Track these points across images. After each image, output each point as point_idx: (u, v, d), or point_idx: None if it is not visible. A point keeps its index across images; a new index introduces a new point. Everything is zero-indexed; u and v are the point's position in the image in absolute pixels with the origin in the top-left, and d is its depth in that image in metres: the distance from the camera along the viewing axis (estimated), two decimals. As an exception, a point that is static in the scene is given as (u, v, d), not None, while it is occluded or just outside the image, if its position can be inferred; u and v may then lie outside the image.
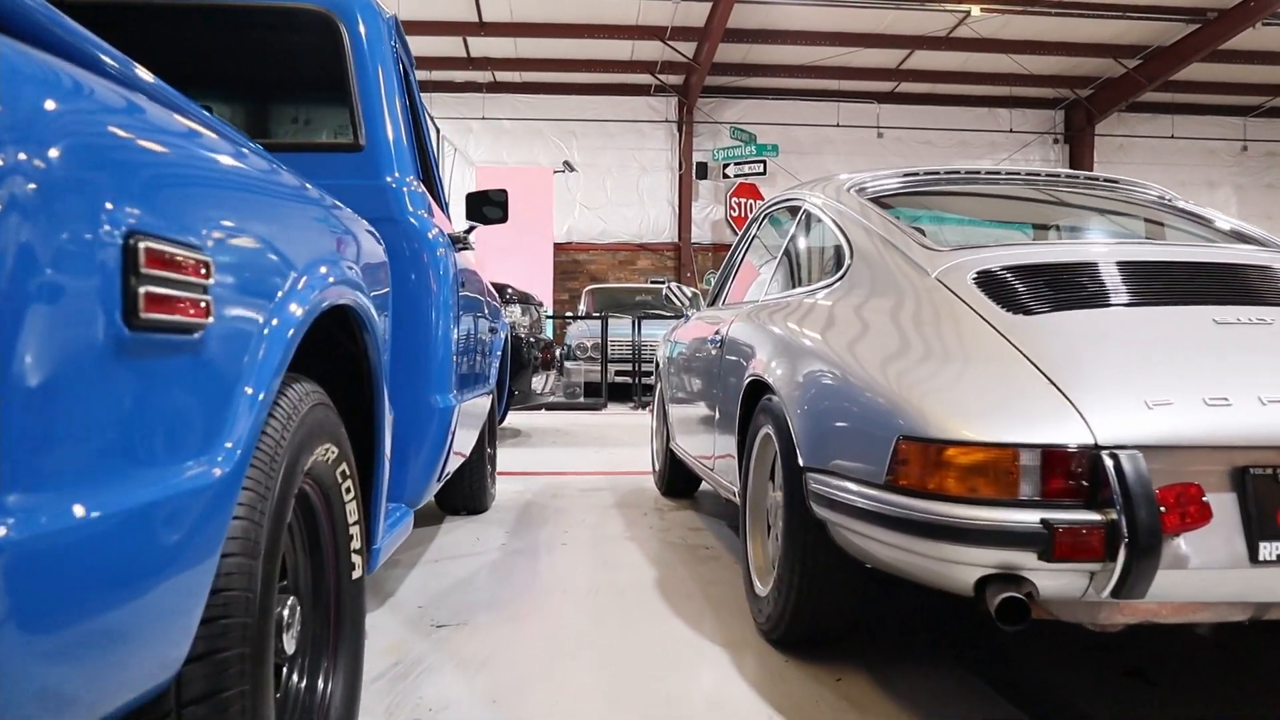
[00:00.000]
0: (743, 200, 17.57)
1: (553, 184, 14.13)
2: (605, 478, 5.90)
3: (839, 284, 2.77)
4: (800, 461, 2.43)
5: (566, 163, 15.99)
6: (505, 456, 6.66)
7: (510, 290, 7.38)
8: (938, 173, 3.25)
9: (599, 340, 11.39)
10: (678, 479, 5.02)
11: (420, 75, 16.78)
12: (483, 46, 16.19)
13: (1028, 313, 2.20)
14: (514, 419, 9.27)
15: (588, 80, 17.37)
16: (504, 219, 3.76)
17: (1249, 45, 15.62)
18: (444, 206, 3.69)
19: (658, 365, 5.46)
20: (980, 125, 18.41)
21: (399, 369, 2.62)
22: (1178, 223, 3.14)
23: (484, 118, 17.34)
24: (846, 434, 2.25)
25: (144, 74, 1.21)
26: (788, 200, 3.66)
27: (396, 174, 2.77)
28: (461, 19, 15.05)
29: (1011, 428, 1.87)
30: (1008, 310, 2.21)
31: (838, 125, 17.93)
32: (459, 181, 16.68)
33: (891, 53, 16.38)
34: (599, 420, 9.92)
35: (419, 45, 15.68)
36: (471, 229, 3.72)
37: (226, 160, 1.29)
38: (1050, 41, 15.79)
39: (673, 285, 4.76)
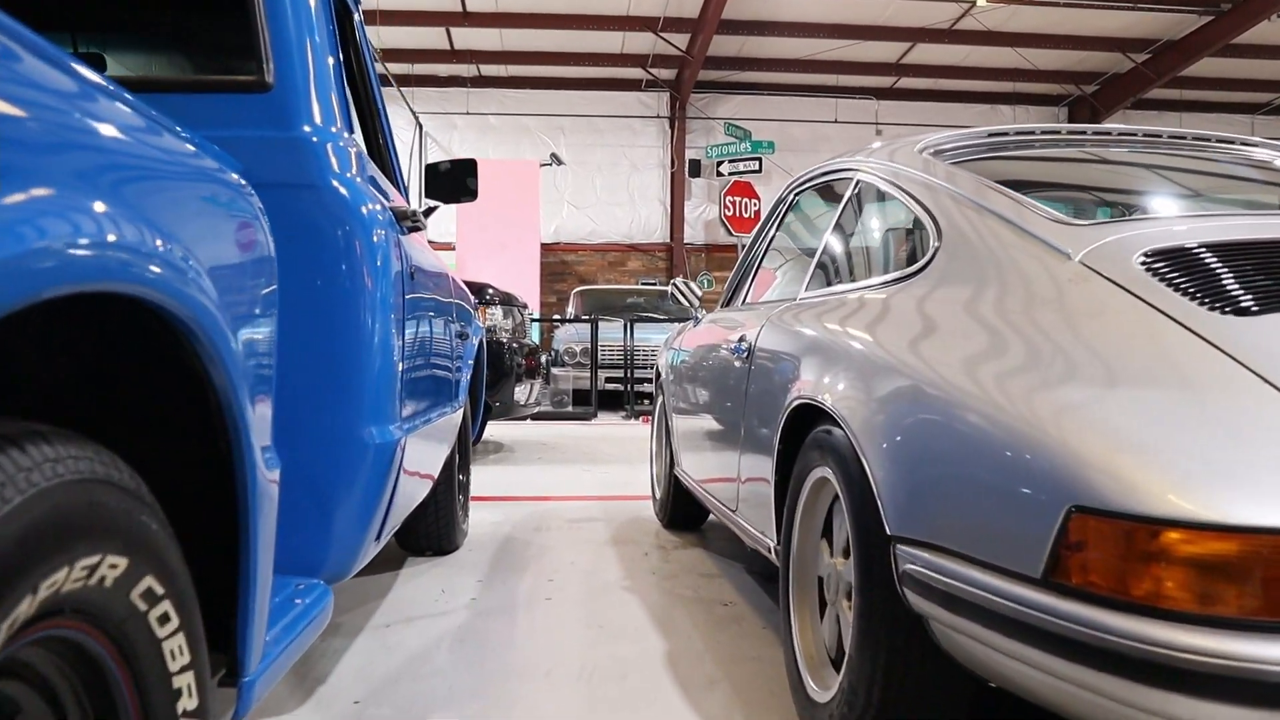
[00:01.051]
0: (737, 199, 16.83)
1: (539, 178, 13.27)
2: (597, 503, 5.13)
3: (921, 276, 2.01)
4: (886, 527, 1.68)
5: (554, 155, 15.18)
6: (482, 477, 5.89)
7: (490, 291, 6.61)
8: (1032, 131, 2.49)
9: (588, 345, 10.62)
10: (682, 509, 4.27)
11: (401, 69, 16.05)
12: (467, 38, 15.42)
13: (1241, 312, 1.44)
14: (496, 431, 8.50)
15: (577, 74, 16.60)
16: (472, 195, 3.00)
17: (1262, 39, 14.94)
18: (400, 185, 2.94)
19: (658, 375, 4.71)
20: (982, 122, 17.65)
21: (311, 393, 1.87)
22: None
23: (468, 113, 16.55)
24: (970, 495, 1.49)
25: None
26: (832, 172, 2.90)
27: (317, 122, 2.00)
28: (444, 8, 14.26)
29: (1290, 502, 1.13)
30: (1208, 307, 1.46)
31: (836, 121, 17.21)
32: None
33: (892, 46, 15.66)
34: (589, 432, 9.15)
35: (399, 36, 14.95)
36: (431, 210, 2.95)
37: None
38: (1057, 34, 15.09)
39: (679, 282, 4.01)
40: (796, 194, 3.25)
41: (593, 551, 3.92)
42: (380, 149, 2.73)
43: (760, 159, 16.70)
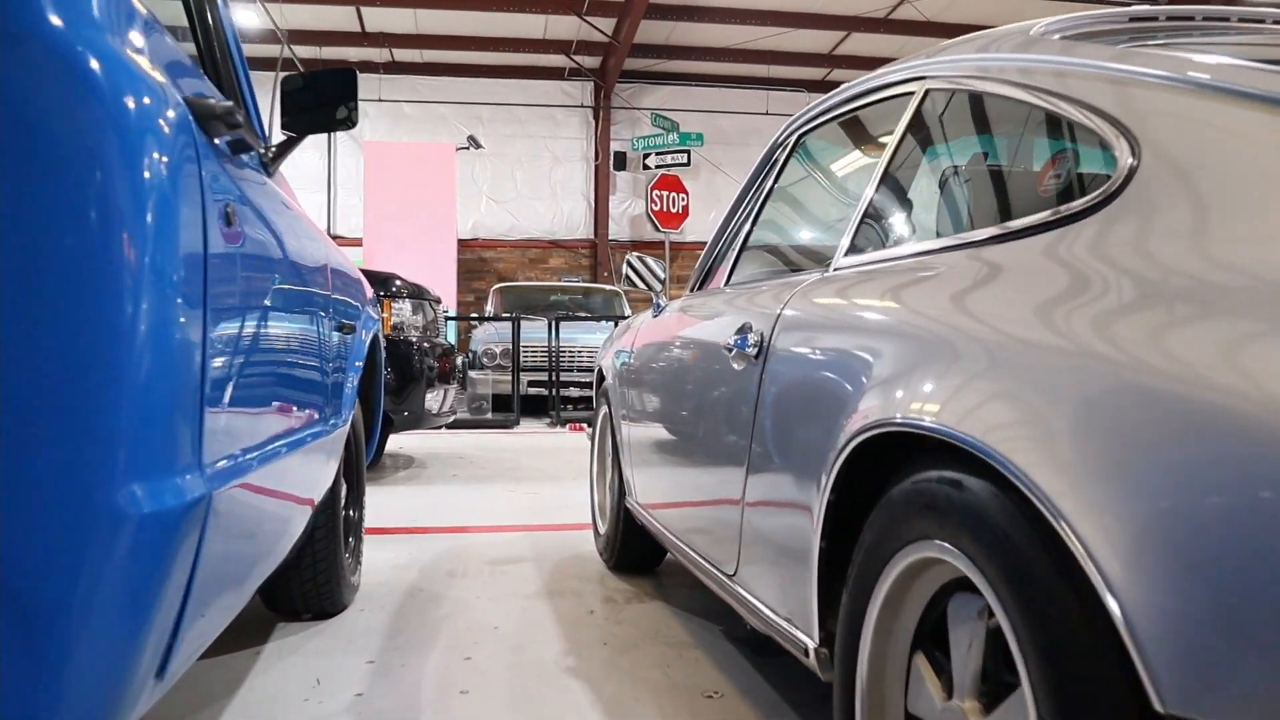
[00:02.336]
0: (665, 194, 15.99)
1: (455, 163, 12.19)
2: (524, 535, 4.22)
3: (1104, 213, 1.16)
4: (1154, 695, 0.82)
5: (472, 138, 14.13)
6: (385, 501, 4.94)
7: (398, 282, 5.66)
8: (1191, 17, 1.66)
9: (509, 346, 9.67)
10: (636, 550, 3.39)
11: (308, 52, 14.86)
12: (379, 19, 14.34)
13: None
14: (405, 443, 7.52)
15: (496, 61, 15.61)
16: (347, 123, 2.08)
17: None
18: (252, 116, 2.01)
19: (600, 381, 3.83)
20: (915, 117, 17.11)
21: (14, 428, 0.96)
22: None
23: (380, 99, 15.45)
24: None
25: None
26: (869, 93, 2.03)
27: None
28: (353, -15, 13.21)
29: None
30: None
31: (766, 114, 16.46)
32: (348, 169, 14.83)
33: (826, 35, 14.98)
34: (511, 442, 8.21)
35: (305, 16, 13.86)
36: (288, 145, 2.03)
37: None
38: (995, 26, 14.52)
39: (634, 258, 3.13)
40: (802, 134, 2.38)
41: (522, 609, 3.02)
42: (211, 42, 1.80)
43: (689, 151, 15.89)
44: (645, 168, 16.11)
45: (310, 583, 2.74)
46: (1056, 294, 1.12)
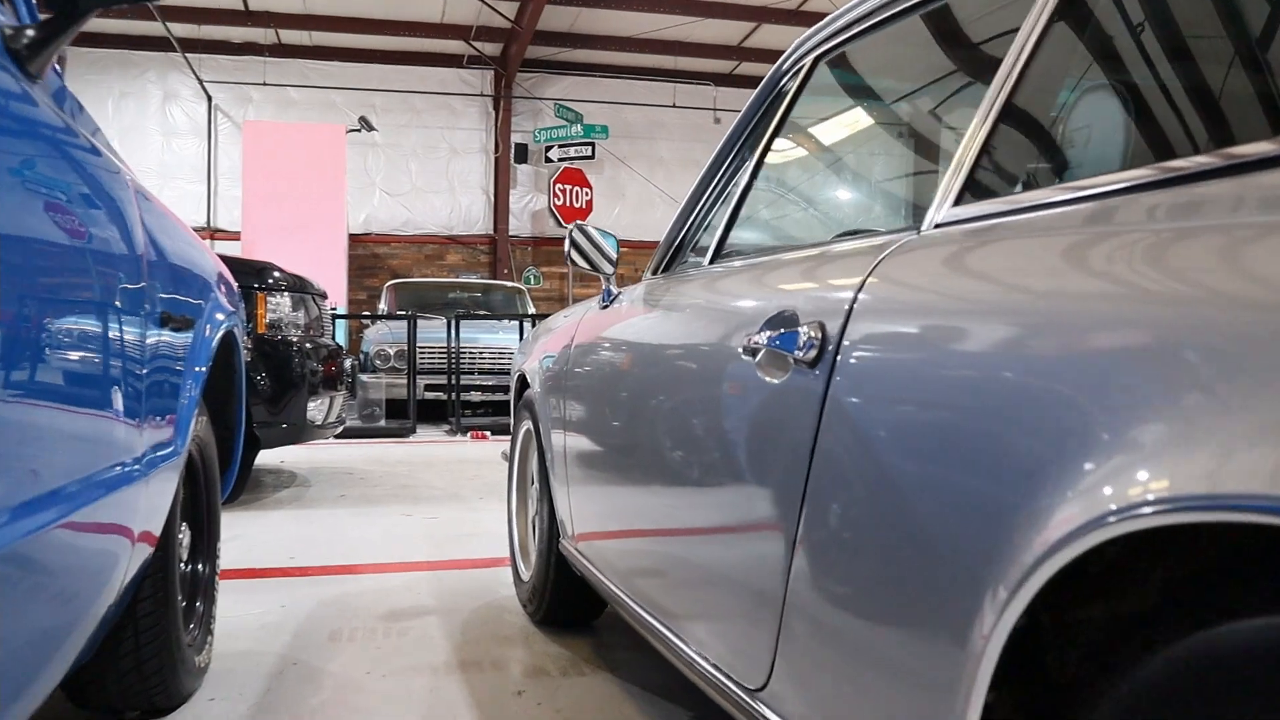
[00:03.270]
0: (568, 188, 15.28)
1: (345, 147, 11.20)
2: (426, 576, 3.48)
3: None
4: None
5: (364, 119, 13.14)
6: (260, 533, 4.15)
7: (276, 274, 4.85)
8: None
9: (405, 347, 8.85)
10: (570, 601, 2.69)
11: (186, 30, 13.61)
12: (262, -3, 13.34)
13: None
14: (287, 456, 6.67)
15: (391, 46, 14.69)
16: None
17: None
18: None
19: (521, 390, 3.12)
20: (823, 114, 16.72)
21: None
22: None
23: (265, 83, 14.40)
24: None
25: None
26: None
27: None
28: (233, -43, 12.18)
29: None
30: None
31: (674, 106, 15.88)
32: (230, 159, 13.74)
33: (736, 26, 14.43)
34: (407, 453, 7.41)
35: (180, -11, 12.74)
36: (55, 27, 1.28)
37: None
38: (904, 21, 14.17)
39: (581, 228, 2.41)
40: (827, 52, 1.73)
41: (428, 690, 2.29)
42: None
43: (593, 144, 15.20)
44: (547, 161, 15.37)
45: (133, 672, 1.98)
46: None
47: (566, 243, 2.35)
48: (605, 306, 2.36)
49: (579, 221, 2.35)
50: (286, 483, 5.67)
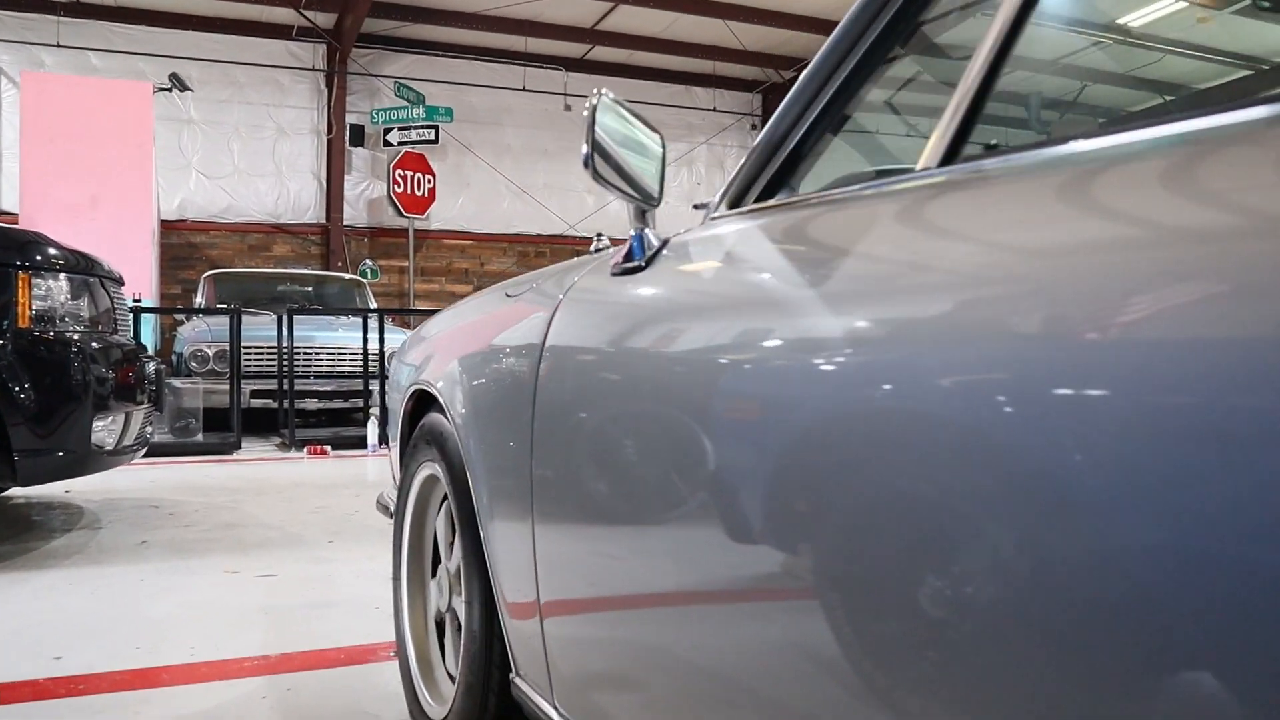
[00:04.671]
0: (409, 174, 13.92)
1: (152, 110, 9.38)
2: (261, 686, 2.32)
3: None
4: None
5: (175, 76, 11.39)
6: (8, 611, 2.88)
7: (49, 250, 3.55)
8: None
9: (226, 347, 7.44)
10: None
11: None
12: (55, -53, 11.52)
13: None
14: (75, 485, 5.26)
15: (208, 10, 12.99)
16: None
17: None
18: None
19: (417, 415, 2.02)
20: (677, 103, 15.91)
21: None
22: None
23: (60, 45, 12.50)
24: None
25: None
26: None
27: None
28: (17, -105, 10.37)
29: None
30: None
31: (524, 90, 14.73)
32: (16, 130, 11.80)
33: (591, 6, 13.40)
34: (230, 475, 6.08)
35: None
36: None
37: None
38: (765, 9, 13.45)
39: (608, 100, 1.30)
40: None
41: None
42: None
43: (437, 128, 13.91)
44: (386, 144, 13.96)
45: None
46: None
47: (589, 129, 1.22)
48: (629, 269, 1.29)
49: (605, 91, 1.25)
50: (67, 524, 4.32)
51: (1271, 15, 1.21)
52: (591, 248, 2.79)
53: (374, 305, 9.83)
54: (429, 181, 14.13)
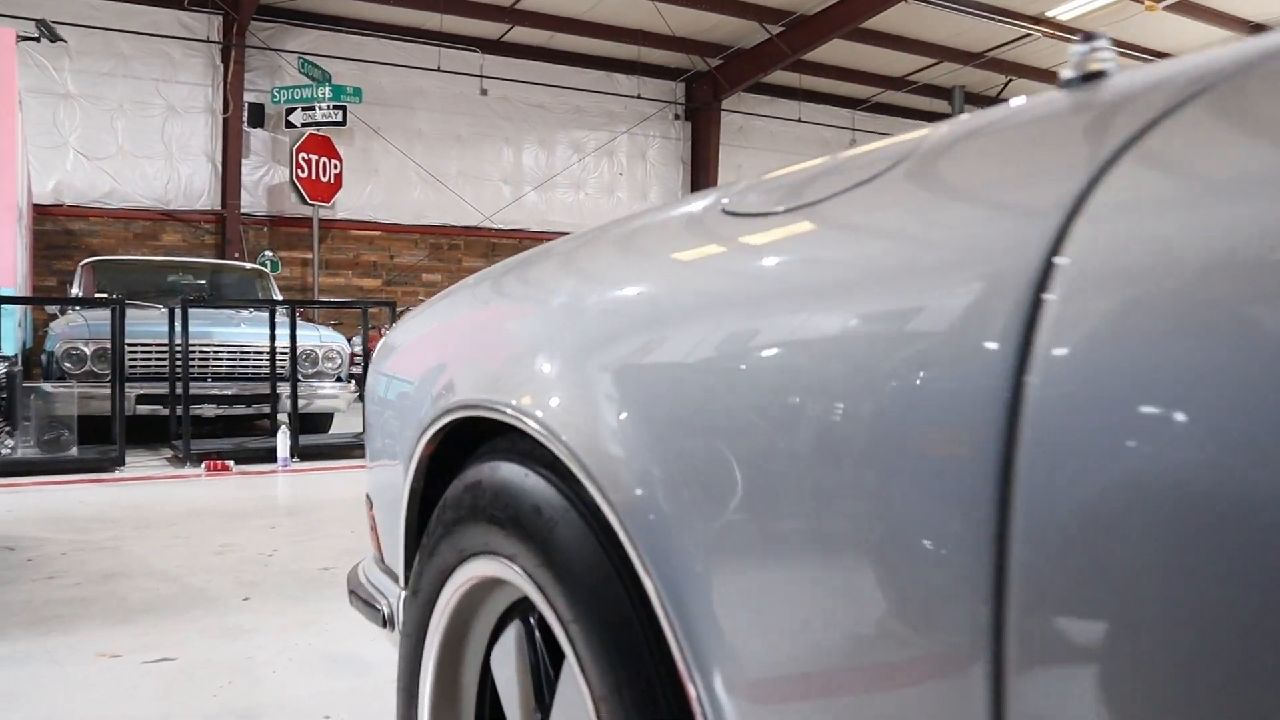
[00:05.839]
0: (314, 158, 12.71)
1: (14, 57, 7.83)
2: None
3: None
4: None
5: (44, 24, 9.85)
6: None
7: None
8: None
9: (107, 344, 6.26)
10: None
11: None
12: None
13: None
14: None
15: (86, -27, 11.64)
16: None
17: (890, 26, 13.57)
18: None
19: (451, 468, 1.09)
20: (599, 89, 14.99)
21: None
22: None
23: (-90, 7, 11.01)
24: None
25: None
26: None
27: None
28: None
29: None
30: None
31: (438, 70, 13.62)
32: None
33: (512, -18, 12.43)
34: (110, 501, 4.96)
35: None
36: None
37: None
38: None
39: None
40: None
41: None
42: None
43: (344, 109, 12.72)
44: (289, 126, 12.72)
45: None
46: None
47: None
48: None
49: None
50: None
51: None
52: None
53: (277, 296, 8.68)
54: (335, 167, 12.94)
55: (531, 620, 1.03)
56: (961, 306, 0.55)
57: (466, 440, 1.18)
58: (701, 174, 15.76)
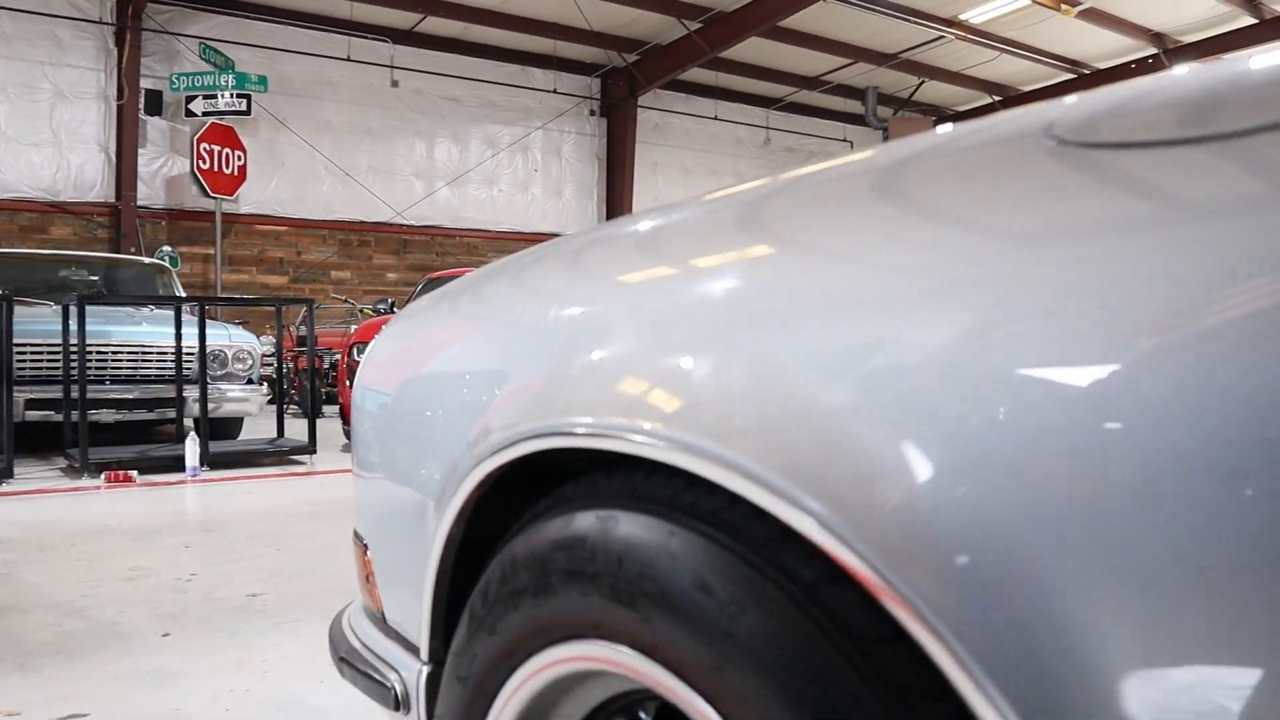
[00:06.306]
0: (217, 149, 12.05)
1: None
2: None
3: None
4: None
5: None
6: None
7: None
8: None
9: (-7, 343, 5.68)
10: None
11: None
12: None
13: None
14: None
15: (-35, -53, 10.83)
16: None
17: (807, 25, 13.49)
18: None
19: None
20: (514, 83, 14.59)
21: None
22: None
23: None
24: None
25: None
26: None
27: None
28: None
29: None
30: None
31: (348, 60, 13.07)
32: None
33: (425, -31, 11.97)
34: None
35: None
36: None
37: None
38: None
39: None
40: None
41: None
42: None
43: (249, 97, 12.09)
44: (189, 114, 12.04)
45: None
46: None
47: None
48: None
49: None
50: None
51: None
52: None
53: (180, 292, 8.11)
54: (239, 158, 12.30)
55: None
56: None
57: (518, 475, 0.88)
58: (617, 171, 15.49)
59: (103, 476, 5.36)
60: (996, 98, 16.83)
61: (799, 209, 0.73)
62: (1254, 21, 13.74)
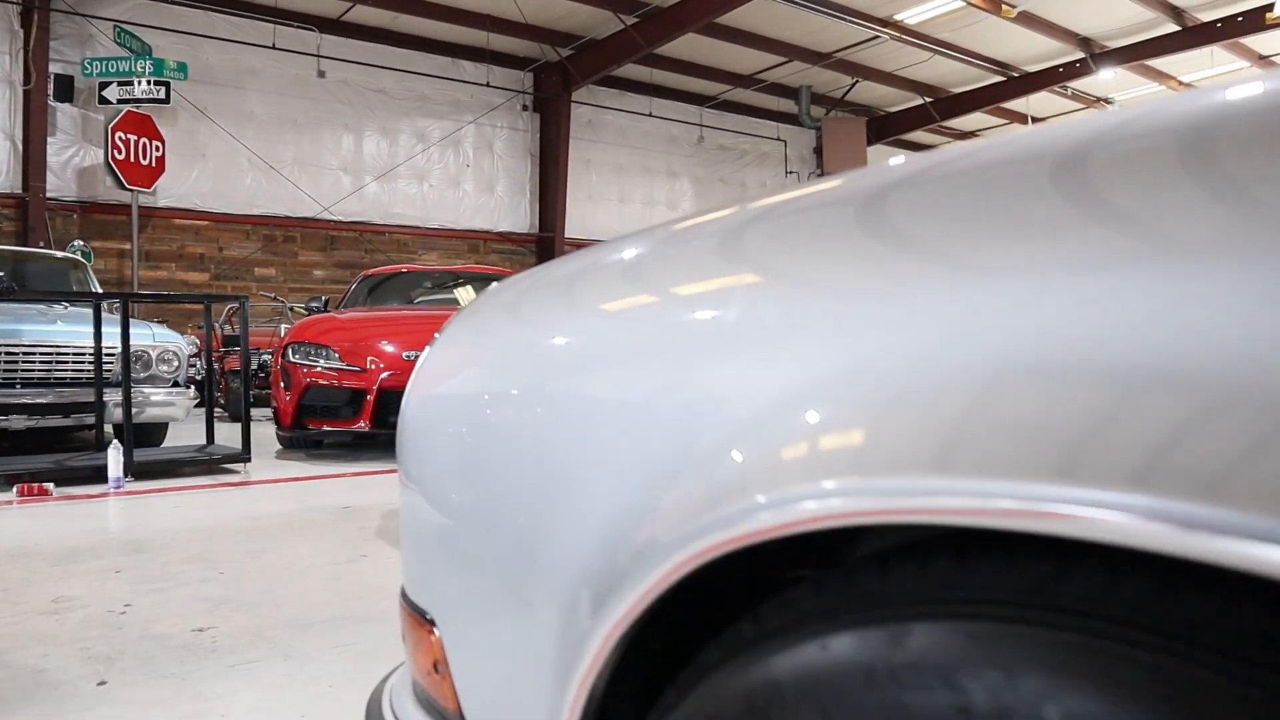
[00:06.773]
0: (133, 139, 11.40)
1: None
2: None
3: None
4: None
5: None
6: None
7: None
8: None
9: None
10: None
11: None
12: None
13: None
14: None
15: None
16: None
17: (742, 22, 13.32)
18: None
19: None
20: (445, 75, 14.15)
21: None
22: None
23: None
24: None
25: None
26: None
27: None
28: None
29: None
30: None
31: (274, 48, 12.50)
32: None
33: (355, -45, 11.49)
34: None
35: None
36: None
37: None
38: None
39: None
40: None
41: None
42: None
43: (168, 85, 11.46)
44: (103, 102, 11.37)
45: None
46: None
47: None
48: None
49: None
50: None
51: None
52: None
53: (96, 288, 7.57)
54: (157, 149, 11.67)
55: None
56: None
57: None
58: (551, 167, 15.13)
59: (14, 489, 4.86)
60: (928, 99, 16.87)
61: None
62: (1177, 29, 13.95)
